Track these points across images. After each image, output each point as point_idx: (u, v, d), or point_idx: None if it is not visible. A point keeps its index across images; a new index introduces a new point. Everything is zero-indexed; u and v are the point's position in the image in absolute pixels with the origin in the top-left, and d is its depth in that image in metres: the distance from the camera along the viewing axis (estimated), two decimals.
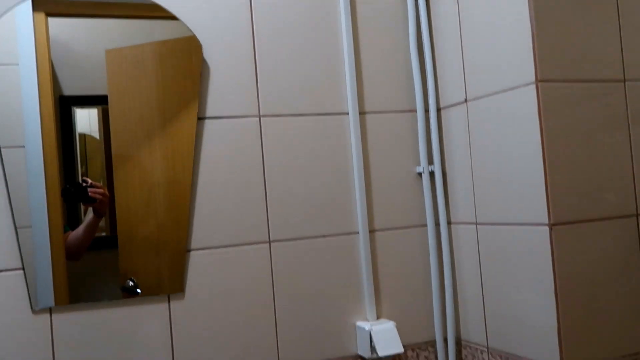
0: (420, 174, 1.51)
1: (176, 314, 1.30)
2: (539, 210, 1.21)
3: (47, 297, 1.20)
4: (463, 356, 1.49)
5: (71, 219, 1.25)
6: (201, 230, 1.33)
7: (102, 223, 1.28)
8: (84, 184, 1.25)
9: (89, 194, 1.25)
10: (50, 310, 1.21)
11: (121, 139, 1.28)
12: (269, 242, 1.38)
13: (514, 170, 1.28)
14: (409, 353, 1.47)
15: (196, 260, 1.32)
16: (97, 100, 1.28)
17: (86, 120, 1.28)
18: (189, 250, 1.31)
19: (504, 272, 1.33)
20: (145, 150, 1.30)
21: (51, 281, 1.20)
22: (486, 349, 1.40)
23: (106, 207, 1.27)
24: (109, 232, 1.29)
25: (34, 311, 1.20)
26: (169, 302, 1.30)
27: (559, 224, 1.20)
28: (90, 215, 1.26)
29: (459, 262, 1.48)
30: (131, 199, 1.29)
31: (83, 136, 1.27)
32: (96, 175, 1.27)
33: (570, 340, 1.19)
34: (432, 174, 1.50)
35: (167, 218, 1.30)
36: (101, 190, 1.26)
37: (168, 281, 1.30)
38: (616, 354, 1.23)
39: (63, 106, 1.24)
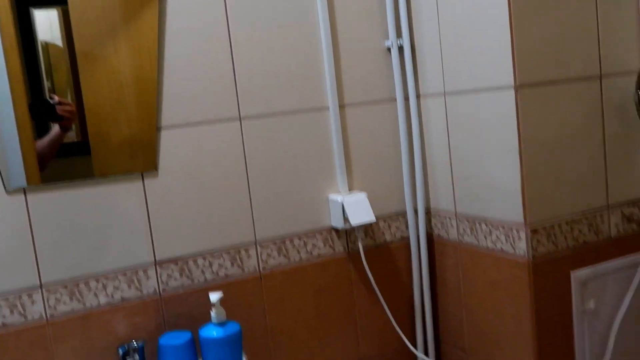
0: (389, 49, 1.50)
1: (151, 191, 1.31)
2: (505, 73, 1.23)
3: (19, 177, 1.20)
4: (432, 224, 1.55)
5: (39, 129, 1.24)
6: (171, 109, 1.32)
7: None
8: (52, 102, 1.22)
9: (58, 112, 1.23)
10: (25, 191, 1.22)
11: (84, 38, 1.24)
12: (240, 119, 1.38)
13: (481, 36, 1.28)
14: (381, 224, 1.53)
15: (168, 139, 1.32)
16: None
17: (47, 25, 1.23)
18: (159, 129, 1.31)
19: (471, 139, 1.36)
20: (110, 47, 1.26)
21: (21, 161, 1.20)
22: (454, 215, 1.46)
23: (73, 122, 1.25)
24: (80, 137, 1.27)
25: (7, 192, 1.20)
26: (143, 180, 1.31)
27: (524, 85, 1.22)
28: (56, 128, 1.24)
29: (428, 134, 1.51)
30: (100, 99, 1.26)
31: (45, 46, 1.22)
32: (62, 85, 1.24)
33: (534, 199, 1.25)
34: (400, 48, 1.50)
35: (136, 101, 1.28)
36: (69, 108, 1.24)
37: (141, 160, 1.31)
38: (576, 209, 1.29)
39: (20, 7, 1.19)
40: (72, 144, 1.27)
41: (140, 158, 1.31)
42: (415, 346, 1.56)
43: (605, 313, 1.33)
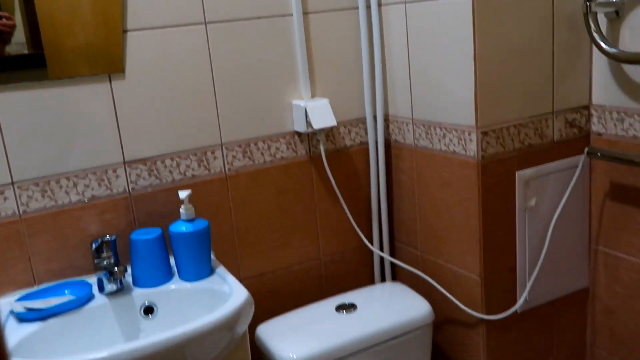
0: None
1: (119, 93, 1.34)
2: None
3: None
4: (390, 130, 1.63)
5: None
6: (137, 12, 1.32)
7: (21, 39, 1.25)
8: None
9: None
10: None
11: None
12: (205, 23, 1.40)
13: None
14: (342, 129, 1.60)
15: (134, 42, 1.33)
16: None
17: None
18: (125, 31, 1.32)
19: (429, 47, 1.42)
20: None
21: None
22: (411, 121, 1.54)
23: (11, 35, 1.23)
24: (31, 49, 1.26)
25: None
26: (110, 82, 1.33)
27: None
28: None
29: (389, 43, 1.56)
30: (55, 7, 1.24)
31: None
32: None
33: (485, 104, 1.33)
34: None
35: (99, 5, 1.28)
36: (11, 23, 1.22)
37: (107, 63, 1.32)
38: (524, 114, 1.39)
39: None
40: (24, 56, 1.26)
41: (106, 60, 1.32)
42: (371, 243, 1.67)
43: (545, 210, 1.45)
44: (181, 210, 1.33)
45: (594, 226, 1.53)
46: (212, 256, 1.42)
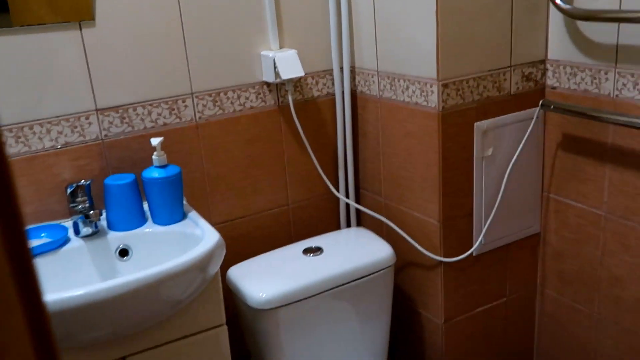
0: None
1: (89, 41, 1.36)
2: None
3: None
4: (356, 82, 1.68)
5: None
6: None
7: None
8: None
9: None
10: None
11: None
12: None
13: None
14: (309, 80, 1.64)
15: None
16: None
17: None
18: None
19: (394, 1, 1.47)
20: None
21: None
22: (376, 73, 1.59)
23: None
24: None
25: None
26: (80, 29, 1.35)
27: None
28: None
29: None
30: None
31: None
32: None
33: (446, 58, 1.39)
34: None
35: None
36: None
37: (77, 10, 1.33)
38: (483, 68, 1.45)
39: None
40: None
41: (75, 8, 1.33)
42: (337, 190, 1.75)
43: (501, 159, 1.54)
44: (153, 156, 1.37)
45: (546, 175, 1.62)
46: (185, 201, 1.48)
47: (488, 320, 1.69)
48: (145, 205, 1.43)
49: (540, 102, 1.51)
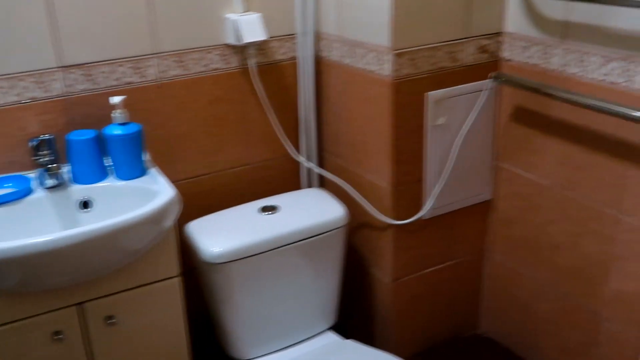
0: None
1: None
2: None
3: None
4: (320, 47, 1.72)
5: None
6: None
7: None
8: None
9: None
10: None
11: None
12: None
13: None
14: (274, 44, 1.69)
15: None
16: None
17: None
18: None
19: None
20: None
21: None
22: (338, 39, 1.64)
23: None
24: None
25: None
26: None
27: None
28: None
29: None
30: None
31: None
32: None
33: (401, 27, 1.43)
34: None
35: None
36: None
37: None
38: (438, 39, 1.50)
39: None
40: None
41: None
42: (299, 152, 1.81)
43: (453, 128, 1.60)
44: (114, 114, 1.43)
45: (498, 145, 1.69)
46: (148, 158, 1.54)
47: (436, 281, 1.78)
48: (109, 161, 1.49)
49: (492, 74, 1.57)
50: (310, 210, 1.65)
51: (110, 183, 1.47)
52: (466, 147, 1.63)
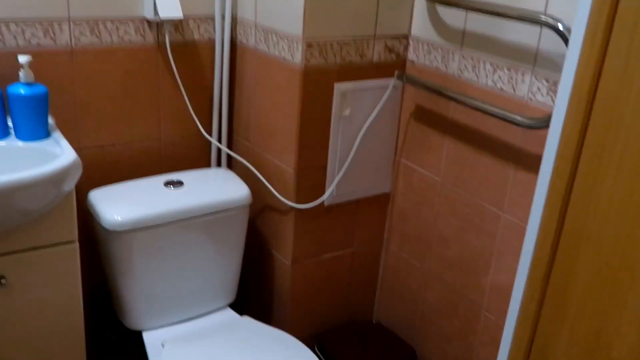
0: None
1: None
2: None
3: None
4: (237, 31, 1.77)
5: None
6: None
7: None
8: None
9: None
10: None
11: None
12: None
13: None
14: (191, 23, 1.72)
15: None
16: None
17: None
18: None
19: None
20: None
21: None
22: (254, 25, 1.69)
23: None
24: None
25: None
26: None
27: None
28: None
29: None
30: None
31: None
32: None
33: (312, 19, 1.50)
34: None
35: None
36: None
37: None
38: (347, 33, 1.58)
39: None
40: None
41: None
42: (210, 134, 1.84)
43: (357, 120, 1.68)
44: (20, 73, 1.42)
45: (400, 140, 1.79)
46: (52, 122, 1.53)
47: (334, 267, 1.86)
48: (10, 121, 1.47)
49: (395, 72, 1.66)
50: (214, 188, 1.69)
51: (10, 142, 1.45)
52: (369, 140, 1.72)
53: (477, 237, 1.60)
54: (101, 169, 1.70)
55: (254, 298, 1.97)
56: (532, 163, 1.42)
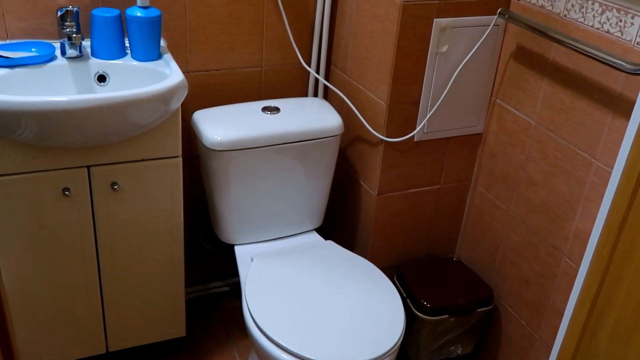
0: None
1: None
2: None
3: None
4: None
5: None
6: None
7: None
8: None
9: None
10: None
11: None
12: None
13: None
14: None
15: None
16: None
17: None
18: None
19: None
20: None
21: None
22: None
23: None
24: None
25: None
26: None
27: None
28: None
29: None
30: None
31: None
32: None
33: None
34: None
35: None
36: None
37: None
38: None
39: None
40: None
41: None
42: (310, 62, 1.90)
43: (455, 57, 1.67)
44: None
45: (497, 81, 1.76)
46: (164, 44, 1.64)
47: (419, 202, 1.90)
48: (127, 41, 1.60)
49: (498, 10, 1.62)
50: (309, 116, 1.76)
51: (127, 62, 1.58)
52: (465, 78, 1.71)
53: (566, 182, 1.58)
54: (204, 91, 1.81)
55: (339, 225, 2.06)
56: (631, 111, 1.37)
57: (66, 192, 1.49)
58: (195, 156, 1.82)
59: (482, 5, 1.63)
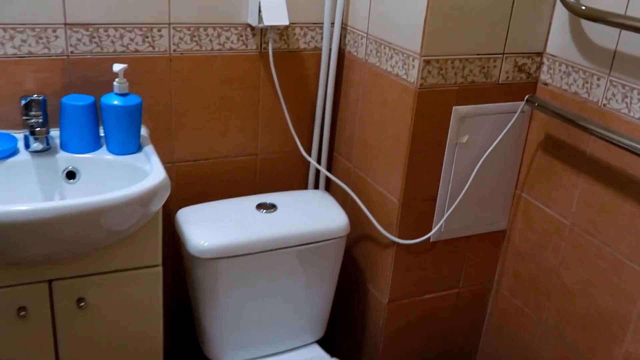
0: None
1: None
2: None
3: None
4: (346, 41, 1.61)
5: None
6: None
7: None
8: None
9: None
10: None
11: None
12: None
13: None
14: (297, 30, 1.57)
15: None
16: None
17: None
18: None
19: None
20: None
21: None
22: (366, 35, 1.52)
23: None
24: None
25: None
26: None
27: None
28: None
29: None
30: None
31: None
32: None
33: (433, 33, 1.31)
34: None
35: None
36: None
37: None
38: (472, 51, 1.37)
39: None
40: None
41: None
42: (310, 149, 1.69)
43: (476, 148, 1.47)
44: (115, 83, 1.33)
45: (522, 172, 1.56)
46: (145, 133, 1.44)
47: (435, 308, 1.66)
48: (103, 131, 1.39)
49: (526, 97, 1.44)
50: (310, 214, 1.54)
51: (100, 155, 1.37)
52: (488, 170, 1.50)
53: (611, 296, 1.35)
54: (191, 184, 1.60)
55: (344, 335, 1.80)
56: None
57: (21, 312, 1.24)
58: (180, 255, 1.58)
59: (506, 91, 1.45)
